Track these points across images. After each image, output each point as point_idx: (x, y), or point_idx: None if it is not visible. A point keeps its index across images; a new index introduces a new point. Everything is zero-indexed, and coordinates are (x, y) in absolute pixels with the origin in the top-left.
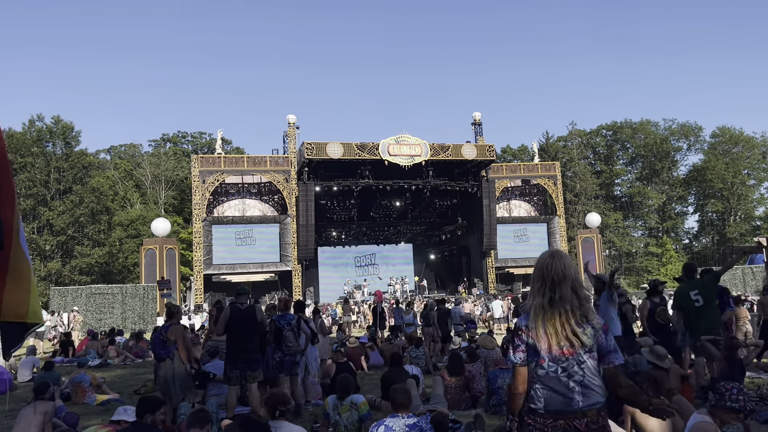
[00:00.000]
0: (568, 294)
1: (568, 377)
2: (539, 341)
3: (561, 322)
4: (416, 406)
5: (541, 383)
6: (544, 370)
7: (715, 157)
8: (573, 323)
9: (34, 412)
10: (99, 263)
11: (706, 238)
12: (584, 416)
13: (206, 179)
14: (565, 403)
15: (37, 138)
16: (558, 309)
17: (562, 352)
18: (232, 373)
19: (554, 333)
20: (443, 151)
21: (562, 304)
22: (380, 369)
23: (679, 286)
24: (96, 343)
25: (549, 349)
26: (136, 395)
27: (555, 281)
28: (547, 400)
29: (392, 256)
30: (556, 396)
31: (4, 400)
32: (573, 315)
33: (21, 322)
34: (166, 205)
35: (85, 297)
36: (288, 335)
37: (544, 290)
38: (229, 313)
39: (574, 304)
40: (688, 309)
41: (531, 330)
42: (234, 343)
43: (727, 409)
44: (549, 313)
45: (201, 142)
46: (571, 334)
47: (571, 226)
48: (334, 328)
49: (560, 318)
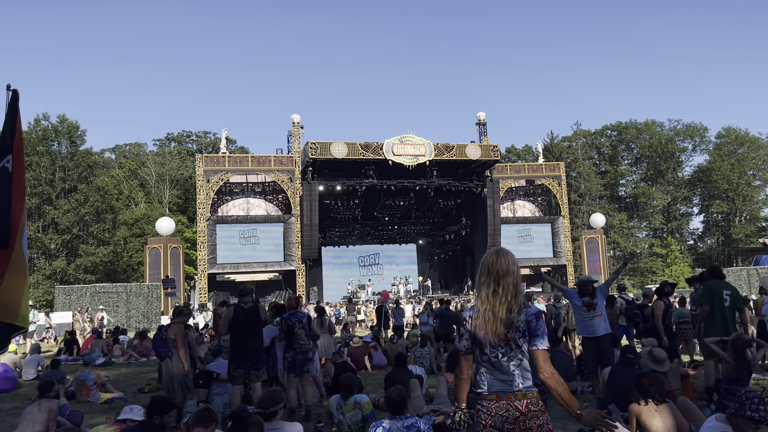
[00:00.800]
0: (509, 286)
1: (507, 361)
2: (480, 329)
3: (497, 311)
4: (419, 407)
5: (484, 368)
6: (486, 356)
7: (721, 158)
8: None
9: (39, 410)
10: (104, 262)
11: (711, 239)
12: (524, 397)
13: (211, 178)
14: (506, 385)
15: (43, 137)
16: (499, 299)
17: (500, 338)
18: (236, 373)
19: (492, 320)
20: (447, 151)
21: (504, 294)
22: (384, 369)
23: (713, 282)
24: (101, 341)
25: (489, 336)
26: (140, 394)
27: (499, 274)
28: (489, 383)
29: (396, 256)
30: (498, 379)
31: (9, 397)
32: (510, 303)
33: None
34: (170, 204)
35: (89, 296)
36: (300, 333)
37: (489, 282)
38: (233, 312)
39: (512, 293)
40: (716, 305)
41: (474, 320)
42: (238, 342)
43: (746, 418)
44: (492, 303)
45: (205, 141)
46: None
47: (576, 227)
48: (338, 328)
49: (499, 306)
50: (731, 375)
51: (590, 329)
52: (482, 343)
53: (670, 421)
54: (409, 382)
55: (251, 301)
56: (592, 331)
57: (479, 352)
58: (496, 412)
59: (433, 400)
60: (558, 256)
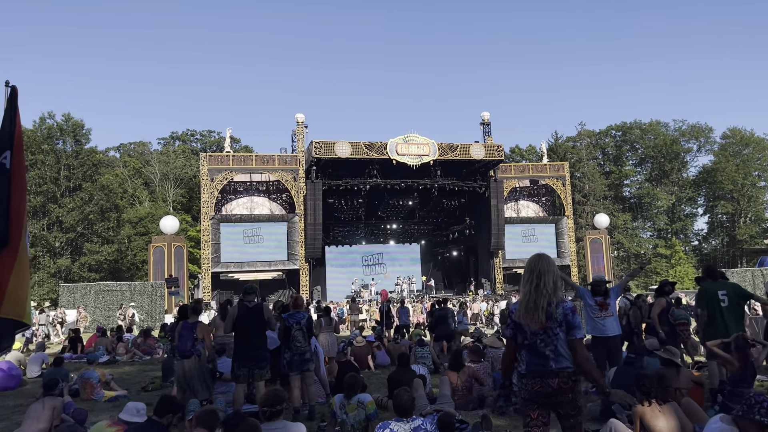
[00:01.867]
0: (549, 282)
1: (544, 346)
2: (524, 318)
3: (539, 302)
4: (423, 406)
5: (525, 351)
6: (527, 341)
7: (726, 159)
8: (546, 303)
9: (43, 408)
10: (108, 260)
11: (715, 240)
12: (556, 376)
13: (215, 177)
14: (541, 366)
15: (48, 135)
16: (540, 292)
17: (540, 326)
18: (240, 371)
19: (533, 310)
20: (451, 150)
21: (544, 289)
22: (387, 368)
23: (706, 285)
24: (105, 339)
25: (531, 324)
26: (144, 392)
27: (540, 272)
28: (528, 363)
29: (400, 255)
30: (535, 360)
31: (14, 395)
32: (550, 297)
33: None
34: (174, 203)
35: (93, 294)
36: (296, 335)
37: (531, 279)
38: (237, 311)
39: (551, 289)
40: (714, 308)
41: (519, 311)
42: (241, 341)
43: (754, 422)
44: (534, 296)
45: (210, 140)
46: (544, 311)
47: (580, 227)
48: (342, 327)
49: (539, 299)
50: (736, 376)
51: (601, 329)
52: (524, 330)
53: (674, 421)
54: (412, 382)
55: (255, 300)
56: (604, 330)
57: (521, 338)
58: (532, 387)
59: (437, 400)
60: (562, 257)
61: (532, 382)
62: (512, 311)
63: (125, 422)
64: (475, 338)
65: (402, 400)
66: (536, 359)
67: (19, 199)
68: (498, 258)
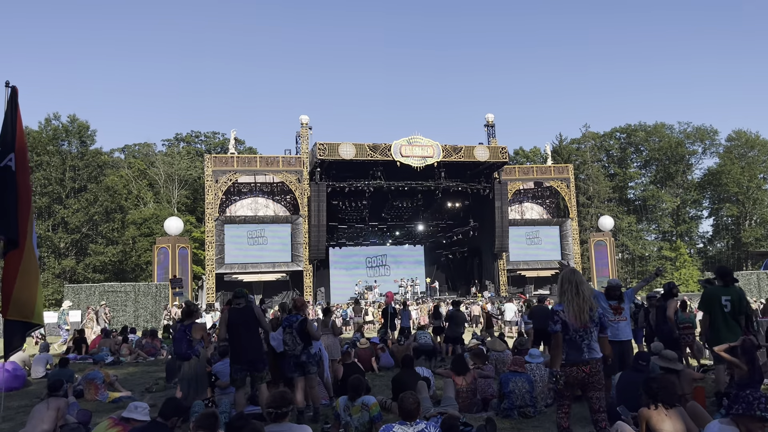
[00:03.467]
0: (587, 292)
1: (581, 341)
2: (570, 318)
3: (583, 307)
4: (427, 409)
5: (566, 344)
6: (569, 336)
7: (731, 161)
8: (589, 308)
9: (47, 408)
10: (112, 261)
11: (720, 243)
12: (587, 364)
13: (219, 179)
14: (578, 356)
15: (53, 136)
16: (581, 298)
17: (582, 325)
18: (237, 375)
19: (579, 312)
20: (455, 152)
21: (584, 296)
22: (391, 370)
23: (710, 289)
24: (109, 340)
25: (576, 323)
26: (148, 393)
27: (578, 283)
28: (568, 354)
29: (403, 257)
30: (574, 352)
31: (18, 395)
32: (591, 303)
33: (25, 321)
34: (179, 204)
35: (98, 295)
36: (285, 338)
37: (571, 288)
38: (228, 315)
39: (588, 296)
40: (716, 313)
41: (566, 312)
42: (235, 344)
43: (756, 418)
44: (577, 300)
45: (214, 141)
46: (588, 314)
47: (584, 229)
48: (347, 329)
49: (583, 304)
50: (743, 380)
51: (615, 333)
52: (569, 327)
53: (680, 425)
54: (416, 384)
55: (244, 303)
56: (617, 334)
57: (565, 333)
58: (569, 374)
59: (441, 402)
60: (566, 259)
61: (569, 369)
62: (557, 311)
63: (127, 421)
64: (479, 341)
65: (407, 404)
66: (574, 351)
67: (25, 201)
68: (502, 260)
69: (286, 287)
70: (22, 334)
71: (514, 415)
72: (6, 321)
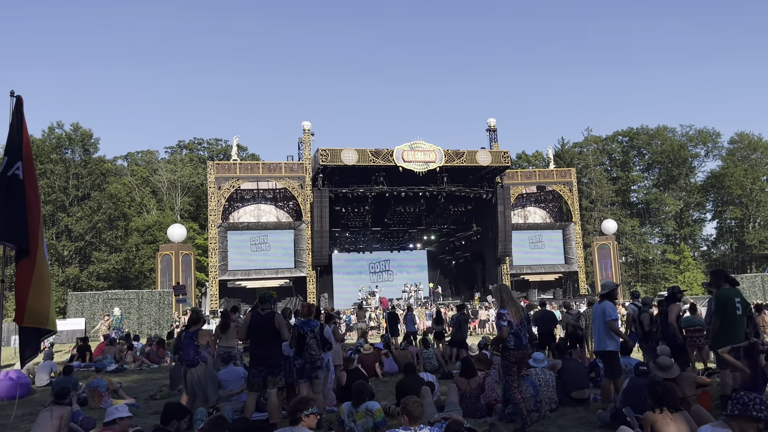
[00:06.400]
0: (516, 299)
1: (521, 332)
2: (513, 318)
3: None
4: (431, 414)
5: (512, 335)
6: (513, 330)
7: (734, 164)
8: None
9: (51, 417)
10: (116, 269)
11: (724, 246)
12: (526, 349)
13: (222, 185)
14: (519, 342)
15: (57, 145)
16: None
17: (520, 322)
18: (254, 380)
19: (516, 312)
20: (458, 157)
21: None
22: (394, 376)
23: (726, 291)
24: (113, 348)
25: (515, 320)
26: (152, 400)
27: (509, 292)
28: (514, 341)
29: (406, 262)
30: (517, 340)
31: (23, 403)
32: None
33: (39, 328)
34: (182, 211)
35: (102, 302)
36: (311, 343)
37: (508, 296)
38: (250, 319)
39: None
40: (730, 315)
41: (508, 314)
42: (254, 349)
43: (751, 419)
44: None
45: (217, 148)
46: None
47: (587, 233)
48: (348, 335)
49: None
50: (747, 384)
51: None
52: (512, 324)
53: (684, 429)
54: (420, 390)
55: (269, 309)
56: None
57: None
58: (515, 355)
59: (444, 407)
60: (569, 263)
61: (515, 353)
62: (504, 313)
63: (112, 423)
64: (482, 346)
65: (412, 409)
66: (518, 339)
67: (34, 208)
68: (505, 264)
69: (289, 293)
70: (37, 341)
71: (518, 420)
72: (21, 328)
